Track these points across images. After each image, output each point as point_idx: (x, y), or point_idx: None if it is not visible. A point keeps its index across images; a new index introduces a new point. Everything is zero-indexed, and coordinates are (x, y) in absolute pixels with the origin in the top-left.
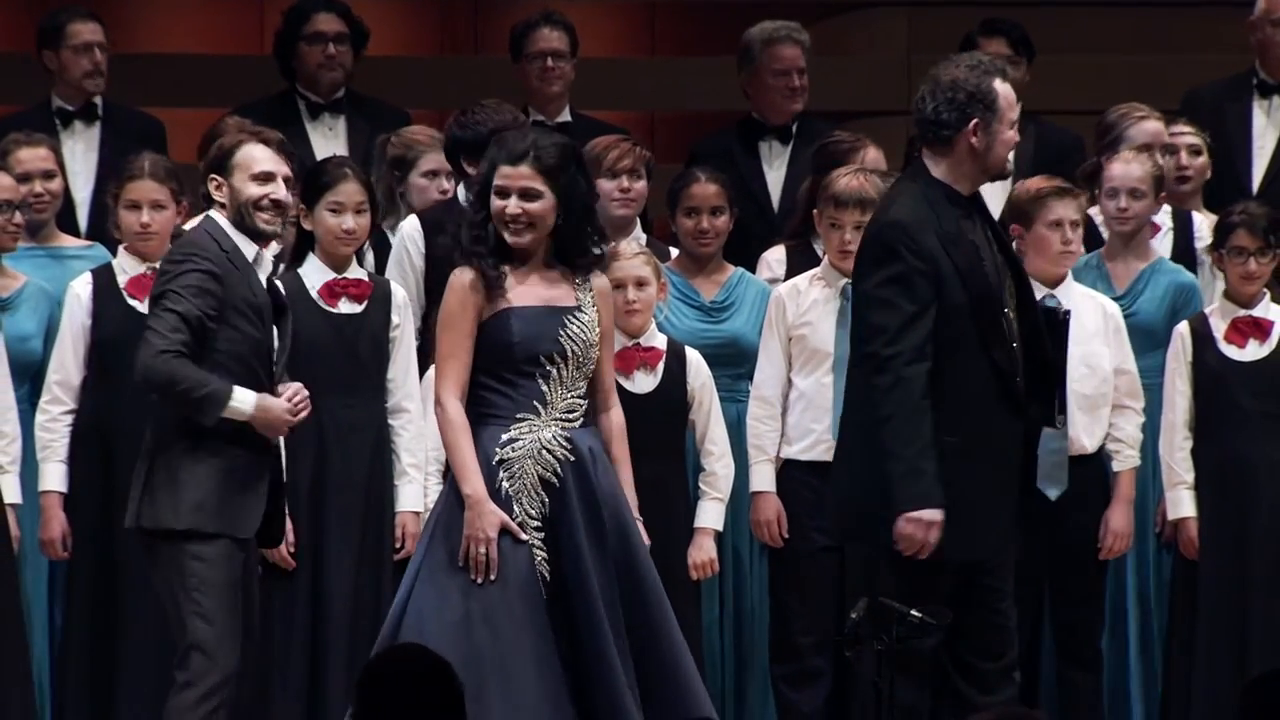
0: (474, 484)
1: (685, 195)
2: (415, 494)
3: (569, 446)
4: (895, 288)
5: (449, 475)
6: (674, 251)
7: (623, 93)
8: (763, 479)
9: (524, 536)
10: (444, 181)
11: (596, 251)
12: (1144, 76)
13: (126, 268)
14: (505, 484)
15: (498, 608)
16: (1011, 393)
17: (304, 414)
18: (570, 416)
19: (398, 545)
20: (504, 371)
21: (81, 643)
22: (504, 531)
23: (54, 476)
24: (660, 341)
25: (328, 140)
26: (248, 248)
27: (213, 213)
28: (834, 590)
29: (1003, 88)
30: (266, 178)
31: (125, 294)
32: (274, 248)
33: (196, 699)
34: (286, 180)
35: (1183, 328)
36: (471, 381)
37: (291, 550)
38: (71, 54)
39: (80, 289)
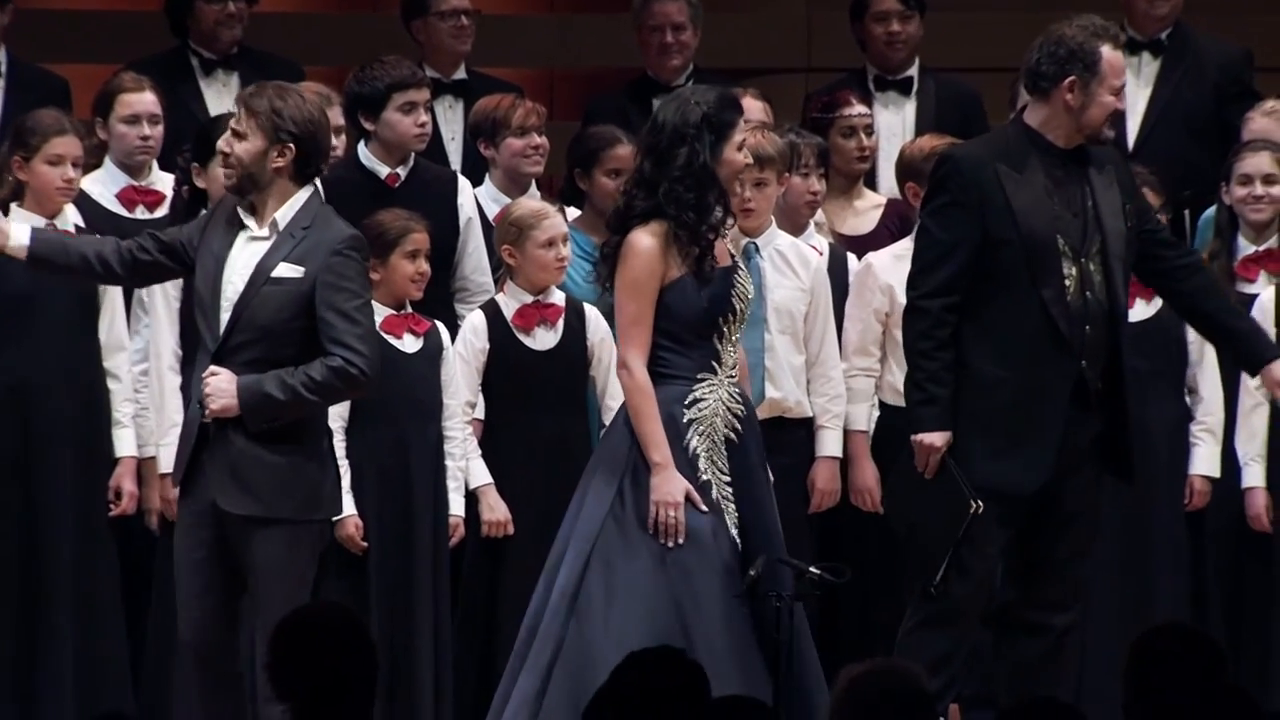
0: (664, 451)
1: (609, 157)
2: None
3: (741, 402)
4: (935, 219)
5: (632, 439)
6: (571, 210)
7: (520, 50)
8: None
9: (704, 507)
10: (330, 139)
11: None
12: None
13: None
14: (695, 442)
15: (690, 569)
16: (1058, 334)
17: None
18: (734, 373)
19: None
20: (685, 333)
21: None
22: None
23: None
24: (559, 298)
25: (221, 97)
26: None
27: None
28: None
29: (1110, 53)
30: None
31: None
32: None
33: None
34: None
35: None
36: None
37: None
38: None
39: None
